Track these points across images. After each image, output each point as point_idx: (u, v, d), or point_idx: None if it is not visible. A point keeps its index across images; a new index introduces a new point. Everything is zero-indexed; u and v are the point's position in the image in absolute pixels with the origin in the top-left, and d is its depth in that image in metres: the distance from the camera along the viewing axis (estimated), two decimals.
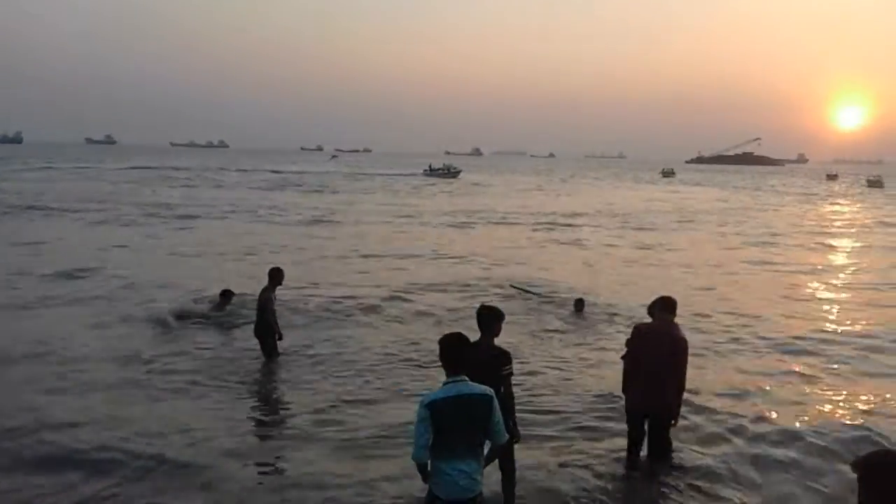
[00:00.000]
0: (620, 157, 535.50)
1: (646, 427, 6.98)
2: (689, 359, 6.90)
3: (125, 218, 31.95)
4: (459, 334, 4.88)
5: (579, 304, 14.23)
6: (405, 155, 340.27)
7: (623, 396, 7.15)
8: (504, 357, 5.88)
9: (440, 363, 4.79)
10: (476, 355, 5.61)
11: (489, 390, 4.79)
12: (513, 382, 5.94)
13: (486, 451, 4.83)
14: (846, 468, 6.04)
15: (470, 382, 4.74)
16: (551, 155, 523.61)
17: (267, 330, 10.73)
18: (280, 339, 10.93)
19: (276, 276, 10.82)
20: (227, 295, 13.65)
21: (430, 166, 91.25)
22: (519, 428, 6.02)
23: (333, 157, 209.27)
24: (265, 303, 10.68)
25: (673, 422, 6.92)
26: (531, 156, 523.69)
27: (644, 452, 7.14)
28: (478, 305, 6.40)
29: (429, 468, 4.67)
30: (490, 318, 5.93)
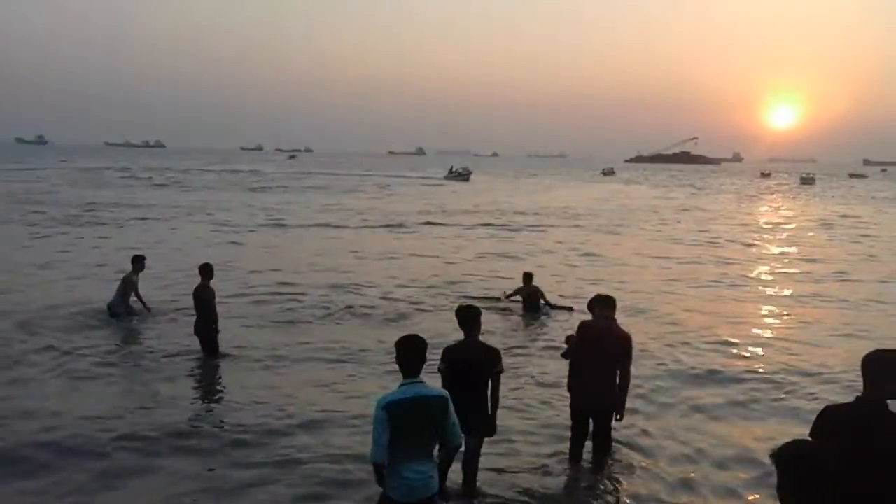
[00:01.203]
0: (562, 156, 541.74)
1: (589, 422, 7.11)
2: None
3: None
4: (417, 336, 4.91)
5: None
6: (347, 154, 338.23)
7: (569, 394, 7.24)
8: (496, 355, 6.06)
9: (397, 365, 4.83)
10: (463, 355, 5.90)
11: (445, 392, 4.85)
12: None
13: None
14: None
15: (426, 384, 4.79)
16: (494, 154, 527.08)
17: (207, 327, 10.71)
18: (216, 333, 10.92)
19: (205, 271, 10.82)
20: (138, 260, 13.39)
21: (451, 169, 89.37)
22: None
23: (291, 157, 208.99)
24: (208, 299, 10.65)
25: (618, 416, 7.02)
26: (474, 155, 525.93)
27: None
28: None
29: (385, 470, 4.68)
30: (474, 316, 6.11)
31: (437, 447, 4.86)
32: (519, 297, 14.68)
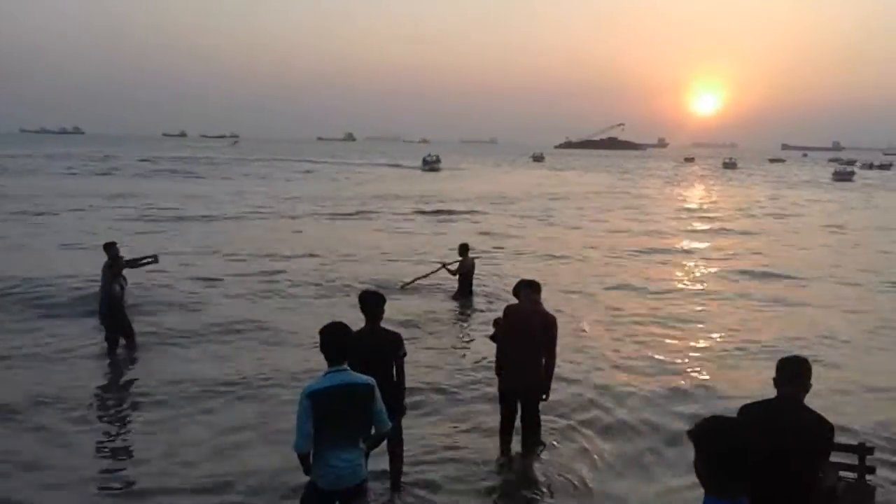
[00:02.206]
0: (492, 142, 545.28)
1: (518, 405, 7.14)
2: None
3: None
4: (341, 323, 4.82)
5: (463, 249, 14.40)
6: (274, 140, 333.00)
7: (497, 376, 7.25)
8: (398, 340, 5.96)
9: (321, 353, 4.70)
10: (367, 341, 5.72)
11: (371, 379, 4.77)
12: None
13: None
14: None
15: (351, 371, 4.71)
16: (424, 140, 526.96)
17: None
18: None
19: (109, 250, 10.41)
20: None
21: (425, 159, 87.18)
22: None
23: (234, 142, 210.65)
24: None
25: (544, 397, 7.06)
26: (404, 141, 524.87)
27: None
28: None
29: (310, 459, 4.61)
30: (376, 302, 5.97)
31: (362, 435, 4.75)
32: (457, 275, 14.32)
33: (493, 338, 7.41)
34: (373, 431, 4.80)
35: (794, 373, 4.20)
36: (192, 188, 44.50)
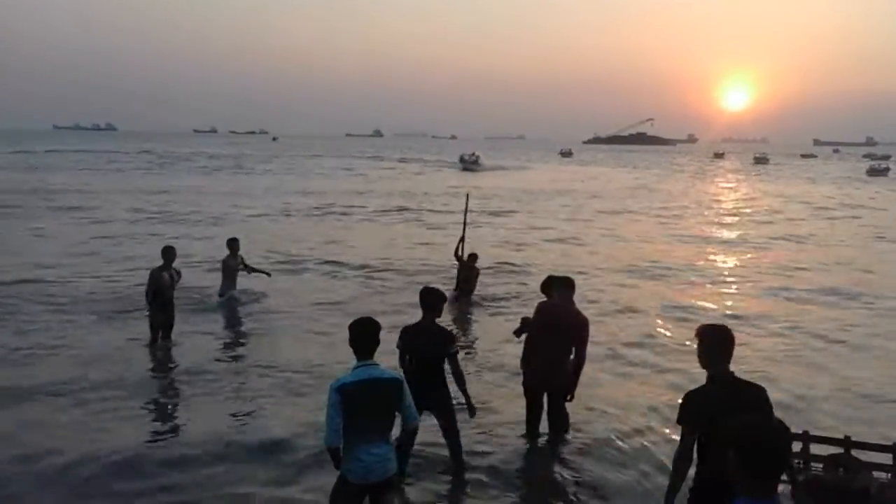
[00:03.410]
0: (520, 138, 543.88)
1: (544, 400, 7.14)
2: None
3: None
4: (371, 319, 4.88)
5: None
6: (304, 136, 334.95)
7: (522, 371, 7.24)
8: (450, 336, 6.25)
9: (351, 348, 4.77)
10: (421, 336, 6.10)
11: (399, 374, 4.84)
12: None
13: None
14: None
15: (380, 366, 4.76)
16: (453, 136, 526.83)
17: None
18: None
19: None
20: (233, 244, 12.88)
21: (461, 157, 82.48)
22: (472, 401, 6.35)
23: (274, 139, 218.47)
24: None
25: (570, 396, 7.03)
26: (433, 137, 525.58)
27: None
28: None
29: (341, 453, 4.66)
30: (435, 299, 6.21)
31: (392, 429, 4.81)
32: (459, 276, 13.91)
33: (517, 333, 7.41)
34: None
35: (731, 349, 4.27)
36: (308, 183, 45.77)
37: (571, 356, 6.96)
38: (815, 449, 6.53)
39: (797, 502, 5.49)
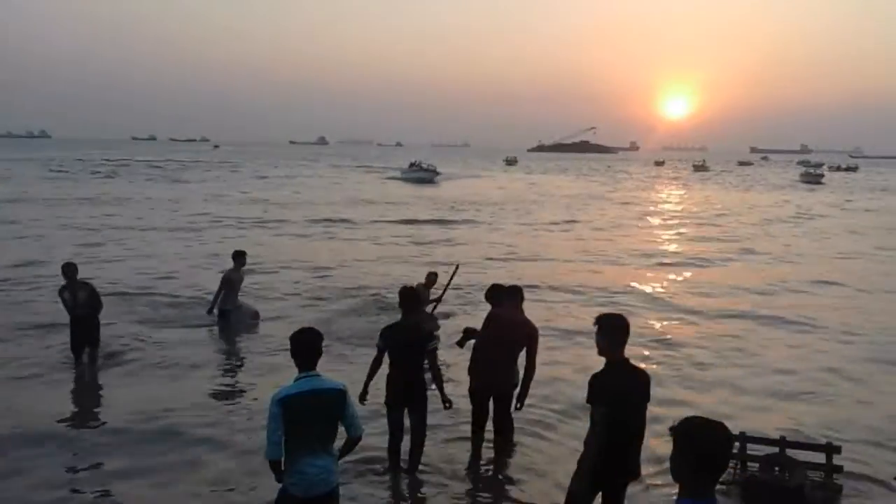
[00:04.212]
0: (465, 146, 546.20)
1: (489, 406, 7.17)
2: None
3: None
4: (313, 329, 4.83)
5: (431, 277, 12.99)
6: (246, 144, 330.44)
7: (469, 375, 7.21)
8: (429, 334, 6.59)
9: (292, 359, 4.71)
10: (402, 335, 6.41)
11: (342, 384, 4.76)
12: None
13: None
14: None
15: (323, 377, 4.69)
16: (399, 144, 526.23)
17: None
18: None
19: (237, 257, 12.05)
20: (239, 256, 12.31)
21: (412, 163, 69.35)
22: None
23: (215, 147, 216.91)
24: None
25: (519, 405, 7.06)
26: (378, 144, 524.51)
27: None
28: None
29: (282, 466, 4.61)
30: (414, 298, 6.54)
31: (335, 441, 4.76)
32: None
33: (460, 343, 7.51)
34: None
35: (627, 336, 4.81)
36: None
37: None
38: (752, 449, 6.70)
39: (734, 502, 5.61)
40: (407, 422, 6.63)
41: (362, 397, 6.35)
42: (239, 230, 26.03)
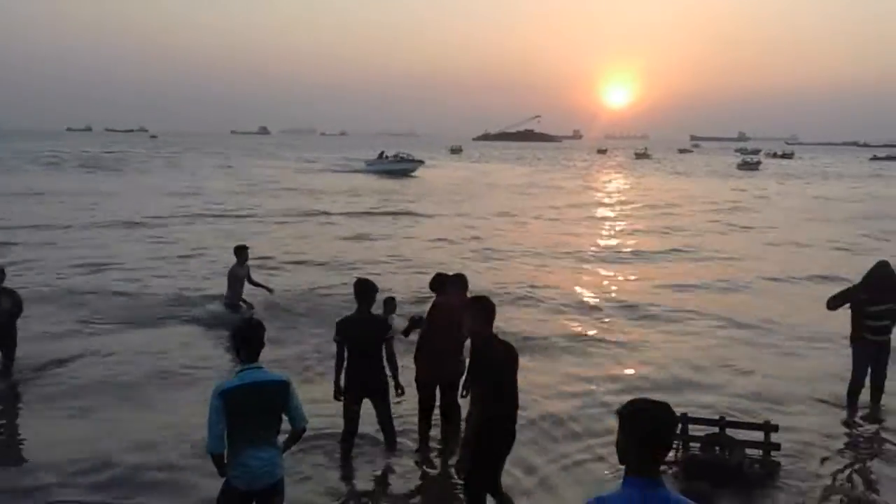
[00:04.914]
0: (411, 135, 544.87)
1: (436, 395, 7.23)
2: None
3: None
4: (255, 321, 4.82)
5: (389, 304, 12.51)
6: (185, 134, 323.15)
7: (416, 364, 7.26)
8: (385, 324, 6.78)
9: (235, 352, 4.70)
10: (359, 326, 6.53)
11: (286, 376, 4.74)
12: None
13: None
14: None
15: (265, 369, 4.64)
16: (343, 133, 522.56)
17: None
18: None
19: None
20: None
21: (382, 154, 62.03)
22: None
23: (153, 137, 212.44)
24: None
25: (465, 392, 7.05)
26: (321, 134, 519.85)
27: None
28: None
29: (225, 459, 4.55)
30: (369, 289, 6.65)
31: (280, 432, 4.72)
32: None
33: (406, 332, 7.55)
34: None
35: (494, 315, 5.24)
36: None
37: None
38: (694, 430, 6.85)
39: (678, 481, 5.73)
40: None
41: (336, 394, 6.56)
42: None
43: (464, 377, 7.04)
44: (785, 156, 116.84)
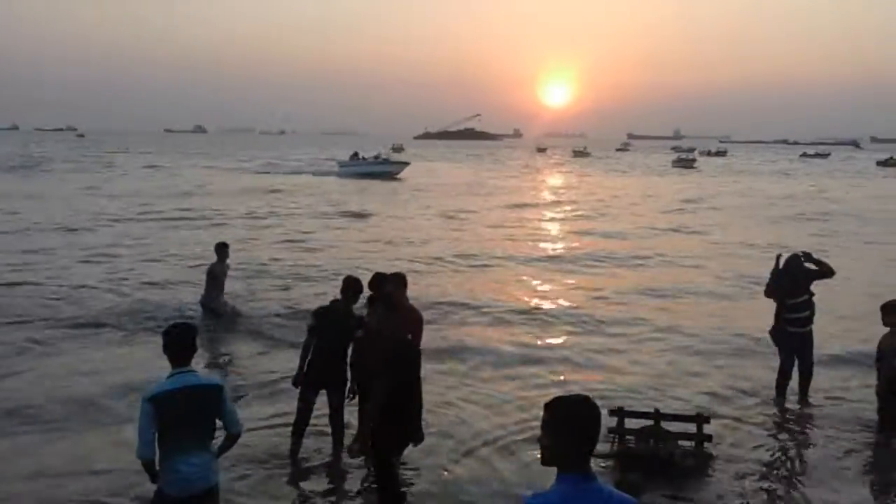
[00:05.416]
0: (352, 133, 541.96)
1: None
2: None
3: None
4: (187, 324, 4.73)
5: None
6: (116, 133, 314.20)
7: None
8: (360, 321, 6.72)
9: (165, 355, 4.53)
10: (335, 318, 6.65)
11: (219, 380, 4.65)
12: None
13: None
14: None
15: (197, 373, 4.57)
16: (282, 132, 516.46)
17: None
18: None
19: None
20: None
21: (355, 154, 57.04)
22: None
23: (80, 136, 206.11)
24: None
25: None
26: (260, 133, 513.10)
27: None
28: None
29: (157, 465, 4.45)
30: (357, 287, 6.79)
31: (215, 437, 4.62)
32: None
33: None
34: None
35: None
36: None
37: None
38: (630, 423, 6.99)
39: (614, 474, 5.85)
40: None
41: (296, 381, 6.68)
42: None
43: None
44: (718, 153, 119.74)
